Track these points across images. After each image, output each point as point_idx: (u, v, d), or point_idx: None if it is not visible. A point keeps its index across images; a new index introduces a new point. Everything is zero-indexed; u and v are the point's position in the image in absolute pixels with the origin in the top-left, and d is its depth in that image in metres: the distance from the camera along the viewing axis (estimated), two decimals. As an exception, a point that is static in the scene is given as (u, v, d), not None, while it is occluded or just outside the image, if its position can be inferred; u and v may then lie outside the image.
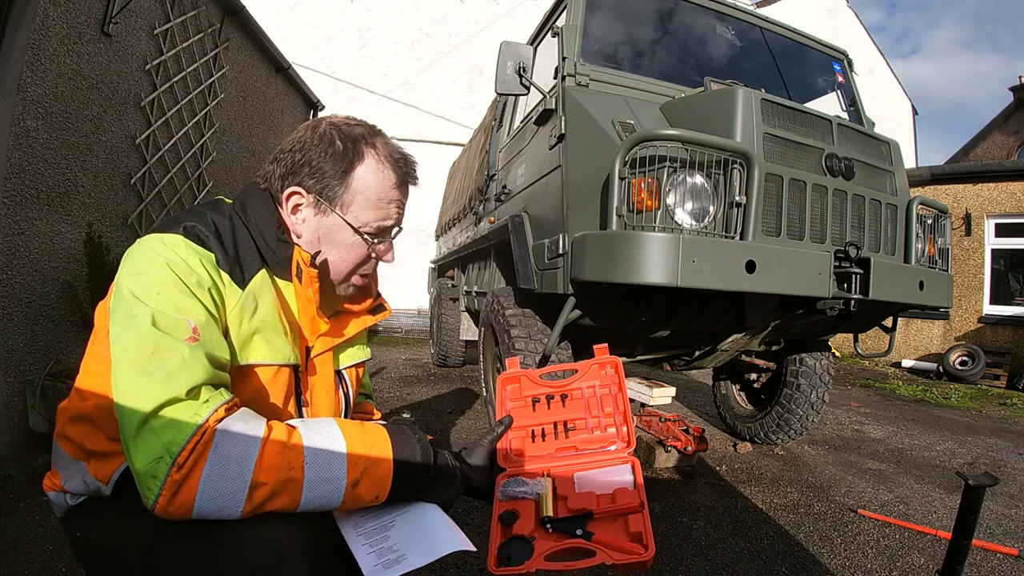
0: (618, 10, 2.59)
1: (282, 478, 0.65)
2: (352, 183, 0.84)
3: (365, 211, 0.85)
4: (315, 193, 0.84)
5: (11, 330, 2.29)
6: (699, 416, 3.82)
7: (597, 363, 1.04)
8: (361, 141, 0.85)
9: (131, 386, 0.63)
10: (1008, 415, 4.51)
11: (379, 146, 0.87)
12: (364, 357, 1.04)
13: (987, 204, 6.85)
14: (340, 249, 0.87)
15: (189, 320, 0.68)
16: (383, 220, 0.87)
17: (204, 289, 0.73)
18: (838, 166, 1.98)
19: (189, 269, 0.72)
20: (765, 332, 2.25)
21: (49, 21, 2.36)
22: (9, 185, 2.23)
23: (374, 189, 0.85)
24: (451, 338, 5.01)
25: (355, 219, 0.85)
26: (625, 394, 1.00)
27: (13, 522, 1.74)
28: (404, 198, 0.90)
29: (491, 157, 3.61)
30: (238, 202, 0.87)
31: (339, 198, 0.84)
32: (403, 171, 0.88)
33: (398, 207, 0.89)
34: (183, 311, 0.69)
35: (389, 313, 1.05)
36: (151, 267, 0.71)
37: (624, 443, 0.97)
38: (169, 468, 0.60)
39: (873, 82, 12.91)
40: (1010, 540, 1.96)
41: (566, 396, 1.03)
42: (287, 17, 9.11)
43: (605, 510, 0.84)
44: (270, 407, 0.82)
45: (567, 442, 0.99)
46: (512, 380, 1.06)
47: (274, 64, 4.98)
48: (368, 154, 0.85)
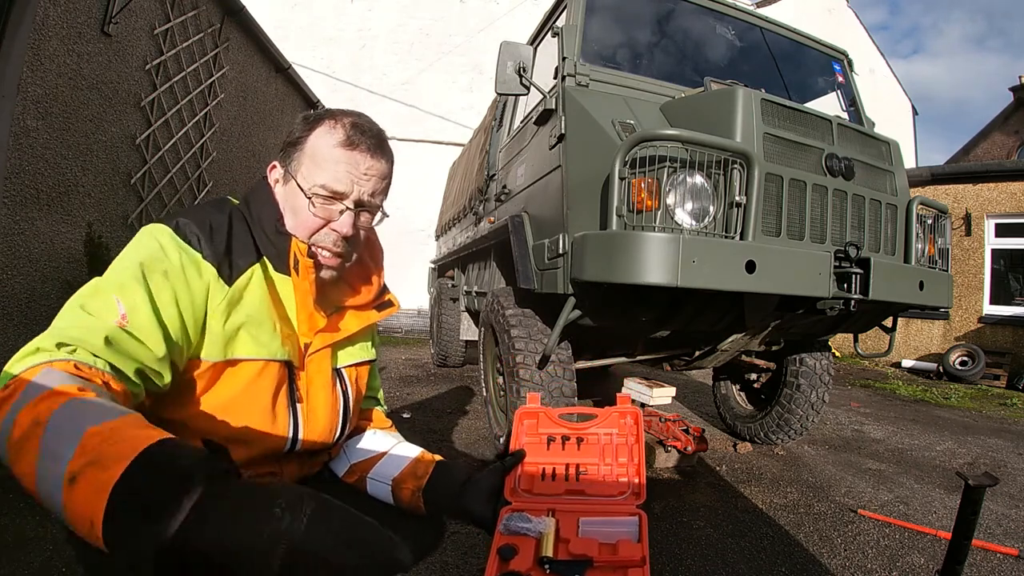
0: (618, 10, 2.59)
1: (28, 432, 0.51)
2: (305, 146, 0.85)
3: (312, 171, 0.84)
4: (283, 163, 0.88)
5: (11, 330, 2.29)
6: (699, 416, 3.82)
7: (617, 411, 1.04)
8: (326, 115, 0.87)
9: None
10: (1008, 415, 4.51)
11: (339, 116, 0.87)
12: (366, 357, 1.02)
13: (987, 204, 6.85)
14: (295, 213, 0.86)
15: (121, 305, 0.69)
16: (332, 182, 0.84)
17: (167, 279, 0.74)
18: (838, 166, 1.98)
19: (162, 255, 0.75)
20: (765, 332, 2.25)
21: (49, 21, 2.36)
22: (9, 185, 2.23)
23: (321, 149, 0.84)
24: (451, 338, 5.01)
25: (304, 180, 0.85)
26: (642, 446, 1.00)
27: (13, 522, 1.73)
28: (360, 163, 0.85)
29: (491, 157, 3.61)
30: (244, 199, 0.89)
31: (294, 162, 0.86)
32: (353, 132, 0.85)
33: (349, 170, 0.84)
34: (124, 291, 0.71)
35: (397, 308, 1.04)
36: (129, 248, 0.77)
37: (634, 495, 0.95)
38: (30, 365, 0.59)
39: (873, 82, 12.92)
40: (1010, 540, 1.96)
41: (582, 439, 1.02)
42: (287, 17, 9.11)
43: (606, 560, 0.82)
44: (259, 403, 0.82)
45: (576, 485, 0.98)
46: (530, 415, 1.06)
47: (274, 64, 4.98)
48: (327, 120, 0.86)
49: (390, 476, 0.99)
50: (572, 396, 2.25)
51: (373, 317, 0.99)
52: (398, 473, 0.98)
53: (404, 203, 8.43)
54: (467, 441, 2.96)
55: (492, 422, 2.82)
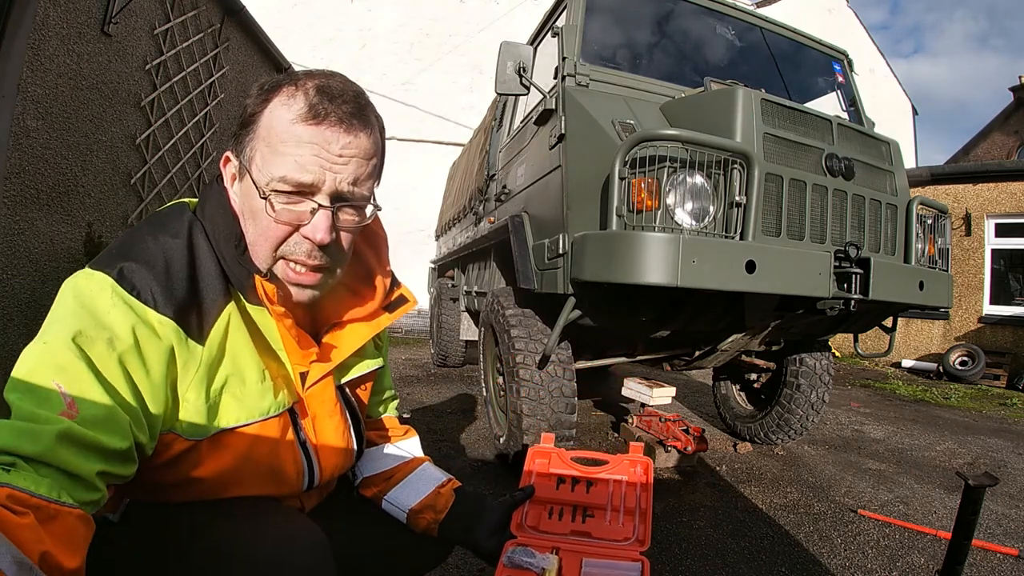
0: (618, 10, 2.60)
1: None
2: (258, 128, 0.64)
3: (270, 160, 0.63)
4: (235, 153, 0.67)
5: (11, 330, 2.29)
6: (699, 416, 3.82)
7: (629, 460, 1.06)
8: (287, 79, 0.65)
9: None
10: (1008, 415, 4.51)
11: (305, 81, 0.65)
12: (375, 366, 0.89)
13: (987, 204, 6.85)
14: (255, 221, 0.65)
15: (65, 393, 0.53)
16: (295, 172, 0.62)
17: (112, 349, 0.56)
18: (838, 166, 1.98)
19: (100, 324, 0.57)
20: (765, 332, 2.26)
21: (49, 21, 2.36)
22: (9, 185, 2.23)
23: (278, 127, 0.62)
24: (451, 338, 5.01)
25: (259, 172, 0.64)
26: (650, 495, 1.01)
27: (13, 522, 1.73)
28: (333, 141, 0.63)
29: (491, 157, 3.61)
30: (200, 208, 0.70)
31: (246, 150, 0.65)
32: (314, 101, 0.62)
33: (318, 153, 0.62)
34: (64, 374, 0.54)
35: (414, 304, 0.87)
36: (57, 311, 0.58)
37: (639, 542, 0.96)
38: None
39: (873, 82, 12.92)
40: (1010, 540, 1.96)
41: (592, 483, 1.04)
42: (287, 17, 9.11)
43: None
44: (264, 462, 0.70)
45: (582, 527, 0.98)
46: (543, 455, 1.08)
47: (274, 64, 4.98)
48: (284, 89, 0.64)
49: (407, 506, 0.93)
50: (572, 396, 2.26)
51: (383, 322, 0.82)
52: (416, 503, 0.94)
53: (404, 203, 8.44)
54: (467, 441, 2.96)
55: (492, 422, 2.82)
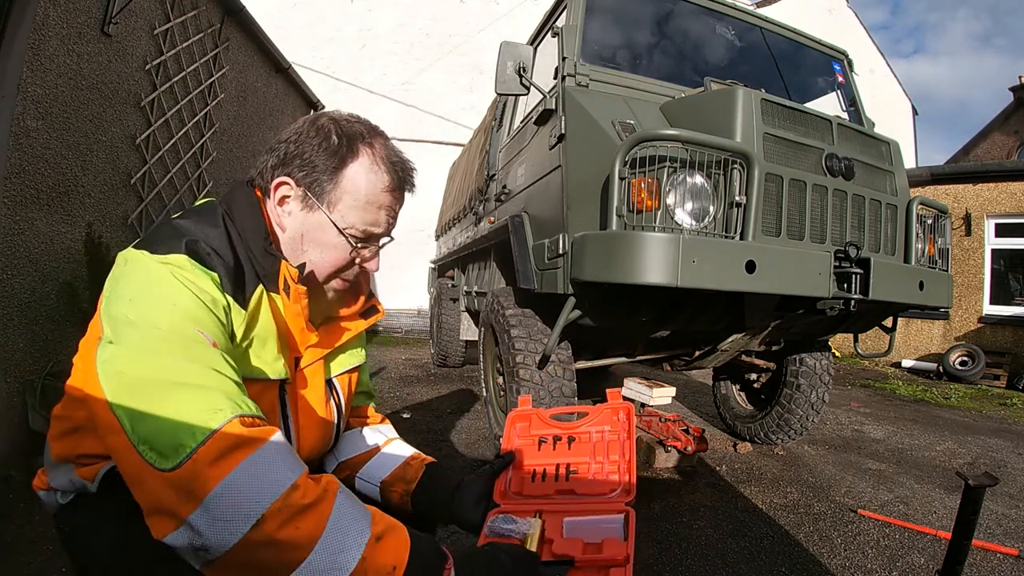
0: (618, 10, 2.59)
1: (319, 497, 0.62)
2: (342, 181, 0.80)
3: (352, 212, 0.81)
4: (304, 186, 0.80)
5: (11, 330, 2.29)
6: (699, 416, 3.82)
7: (609, 407, 1.04)
8: (358, 139, 0.81)
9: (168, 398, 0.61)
10: (1008, 415, 4.51)
11: (377, 146, 0.82)
12: (358, 362, 1.01)
13: (987, 204, 6.85)
14: (322, 249, 0.82)
15: (207, 335, 0.67)
16: (371, 225, 0.82)
17: (219, 308, 0.70)
18: (838, 166, 1.98)
19: (200, 288, 0.69)
20: (765, 332, 2.25)
21: (49, 21, 2.36)
22: (9, 185, 2.23)
23: (364, 190, 0.80)
24: (451, 338, 5.01)
25: (341, 219, 0.81)
26: (633, 442, 0.99)
27: (13, 522, 1.74)
28: (397, 205, 0.85)
29: (491, 157, 3.61)
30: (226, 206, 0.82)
31: (327, 194, 0.80)
32: (398, 175, 0.83)
33: (389, 214, 0.84)
34: (203, 325, 0.67)
35: (382, 315, 1.01)
36: (160, 285, 0.68)
37: (624, 492, 0.95)
38: (225, 421, 0.60)
39: (873, 82, 12.92)
40: (1010, 540, 1.96)
41: (573, 439, 1.02)
42: (287, 17, 9.10)
43: (589, 559, 0.81)
44: None
45: (566, 485, 0.97)
46: (522, 418, 1.06)
47: (274, 64, 4.98)
48: (363, 152, 0.81)
49: (379, 478, 0.98)
50: (572, 396, 2.26)
51: (361, 325, 0.97)
52: (387, 475, 0.98)
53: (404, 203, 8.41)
54: (467, 441, 2.96)
55: (492, 422, 2.82)
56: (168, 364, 0.63)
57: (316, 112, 0.88)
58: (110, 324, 0.66)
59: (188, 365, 0.63)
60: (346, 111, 0.87)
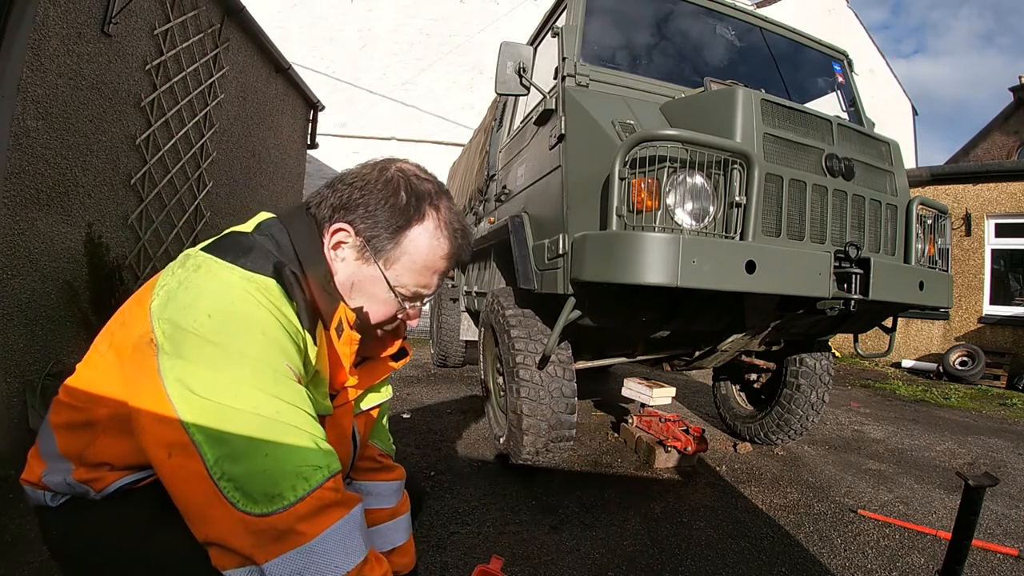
0: (618, 10, 2.59)
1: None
2: (403, 241, 0.79)
3: (407, 273, 0.81)
4: (363, 237, 0.79)
5: (11, 330, 2.29)
6: (699, 416, 3.82)
7: None
8: (426, 200, 0.80)
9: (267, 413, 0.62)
10: (1008, 415, 4.51)
11: (442, 209, 0.82)
12: (385, 398, 1.01)
13: (987, 204, 6.85)
14: (371, 302, 0.83)
15: (293, 370, 0.67)
16: (422, 287, 0.83)
17: (300, 341, 0.70)
18: (838, 166, 1.98)
19: (287, 319, 0.68)
20: (765, 332, 2.25)
21: (49, 21, 2.37)
22: (9, 185, 2.23)
23: (423, 254, 0.80)
24: (451, 338, 5.01)
25: (395, 278, 0.81)
26: None
27: (13, 522, 1.74)
28: (450, 270, 0.87)
29: (491, 157, 3.61)
30: (289, 236, 0.78)
31: (386, 252, 0.79)
32: (458, 243, 0.84)
33: (440, 278, 0.85)
34: (290, 359, 0.67)
35: (410, 357, 1.02)
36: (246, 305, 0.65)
37: None
38: (324, 480, 0.62)
39: (873, 82, 12.92)
40: (1010, 540, 1.96)
41: None
42: (287, 17, 9.10)
43: None
44: None
45: None
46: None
47: (274, 64, 4.98)
48: (429, 216, 0.80)
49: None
50: (572, 396, 2.26)
51: (391, 367, 0.98)
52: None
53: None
54: (467, 441, 2.96)
55: (492, 422, 2.82)
56: (261, 401, 0.61)
57: (386, 159, 0.86)
58: (176, 334, 0.62)
59: (281, 404, 0.63)
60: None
